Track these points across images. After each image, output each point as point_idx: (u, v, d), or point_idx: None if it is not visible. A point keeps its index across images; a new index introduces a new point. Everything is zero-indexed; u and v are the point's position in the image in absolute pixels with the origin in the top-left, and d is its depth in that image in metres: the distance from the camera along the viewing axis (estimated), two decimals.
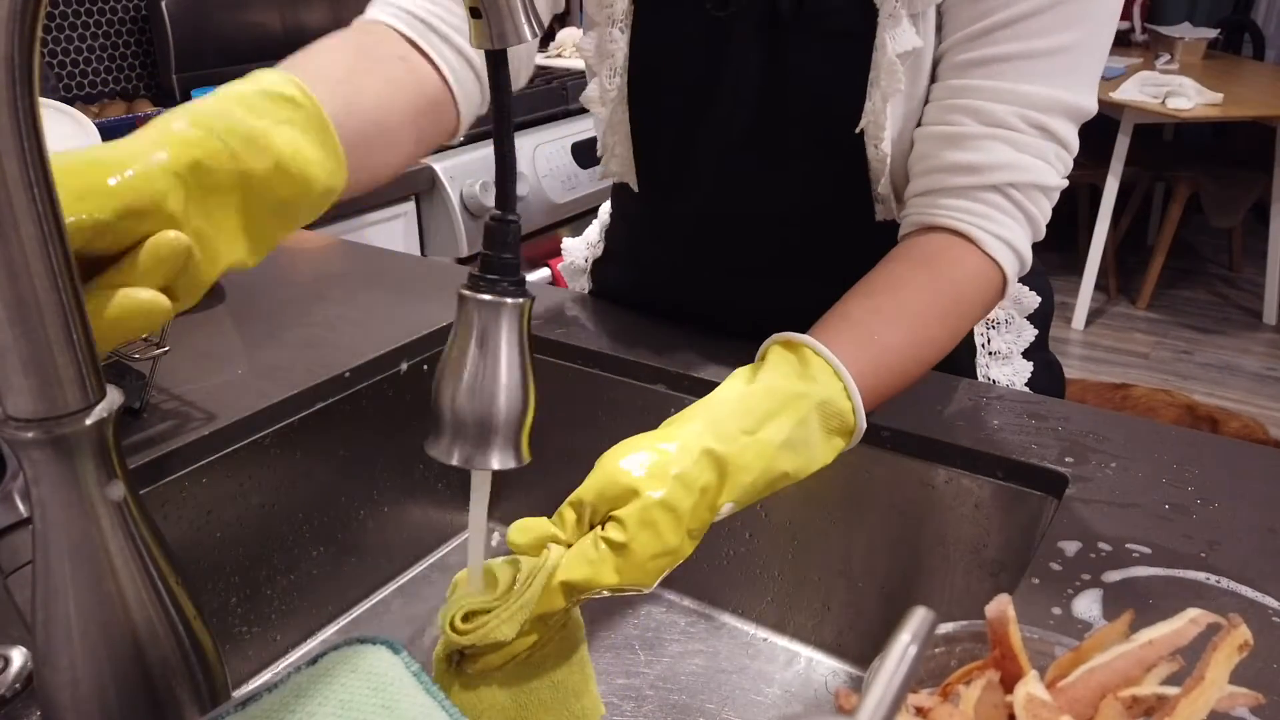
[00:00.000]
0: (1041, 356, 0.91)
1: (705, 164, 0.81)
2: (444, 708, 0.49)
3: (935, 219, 0.67)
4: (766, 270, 0.84)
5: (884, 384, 0.62)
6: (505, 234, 0.47)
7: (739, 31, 0.74)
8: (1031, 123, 0.65)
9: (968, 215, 0.66)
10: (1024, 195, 0.66)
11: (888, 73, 0.68)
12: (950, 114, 0.67)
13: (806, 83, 0.73)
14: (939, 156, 0.67)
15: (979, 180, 0.65)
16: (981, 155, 0.65)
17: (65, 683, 0.44)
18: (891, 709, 0.28)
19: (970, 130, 0.65)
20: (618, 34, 0.78)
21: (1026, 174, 0.65)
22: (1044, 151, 0.65)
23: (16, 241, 0.37)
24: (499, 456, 0.48)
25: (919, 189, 0.69)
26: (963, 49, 0.66)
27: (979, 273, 0.66)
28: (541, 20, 0.45)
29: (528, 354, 0.48)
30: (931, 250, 0.67)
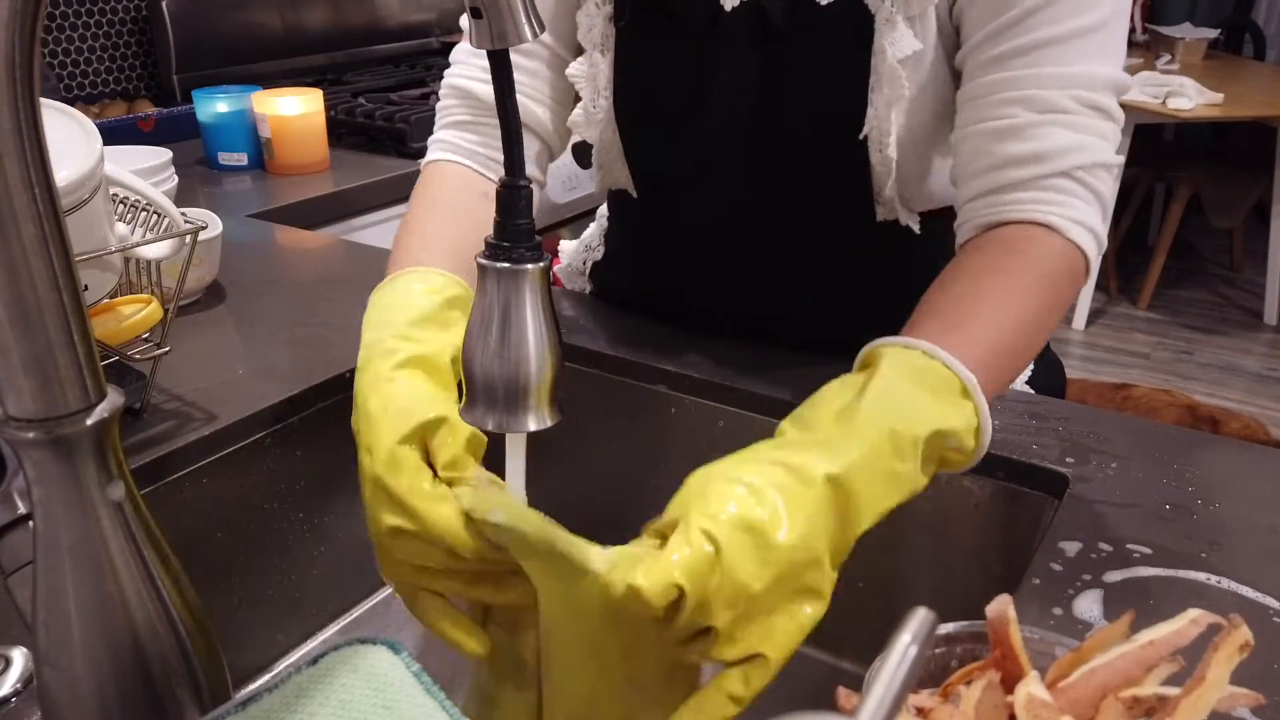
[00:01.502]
0: (1043, 355, 0.91)
1: (700, 176, 0.81)
2: (444, 708, 0.49)
3: (1007, 215, 0.64)
4: (767, 273, 0.83)
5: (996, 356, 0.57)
6: (517, 199, 0.47)
7: (729, 46, 0.73)
8: (1085, 102, 0.63)
9: (1042, 205, 0.63)
10: (1092, 176, 0.64)
11: (890, 79, 0.67)
12: (998, 108, 0.64)
13: (805, 93, 0.72)
14: (996, 152, 0.64)
15: (1046, 169, 0.63)
16: (1043, 143, 0.63)
17: (66, 683, 0.44)
18: (892, 709, 0.28)
19: (1025, 120, 0.63)
20: (599, 57, 0.78)
21: (1091, 154, 0.63)
22: (1102, 129, 0.64)
23: (17, 242, 0.37)
24: (534, 418, 0.49)
25: (980, 189, 0.66)
26: (993, 43, 0.65)
27: (1065, 255, 0.63)
28: (543, 20, 0.45)
29: (551, 315, 0.48)
30: (1014, 239, 0.63)
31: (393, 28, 2.34)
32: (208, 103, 1.64)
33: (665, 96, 0.78)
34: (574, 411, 0.88)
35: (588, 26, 0.77)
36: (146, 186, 0.80)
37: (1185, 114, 2.95)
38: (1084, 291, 3.38)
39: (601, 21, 0.76)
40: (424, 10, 2.41)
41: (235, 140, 1.65)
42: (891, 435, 0.48)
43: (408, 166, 1.69)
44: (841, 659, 0.80)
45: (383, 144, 1.77)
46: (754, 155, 0.77)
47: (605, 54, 0.78)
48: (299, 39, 2.14)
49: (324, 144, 1.67)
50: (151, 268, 0.81)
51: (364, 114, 1.80)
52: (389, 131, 1.75)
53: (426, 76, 2.15)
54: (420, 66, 2.27)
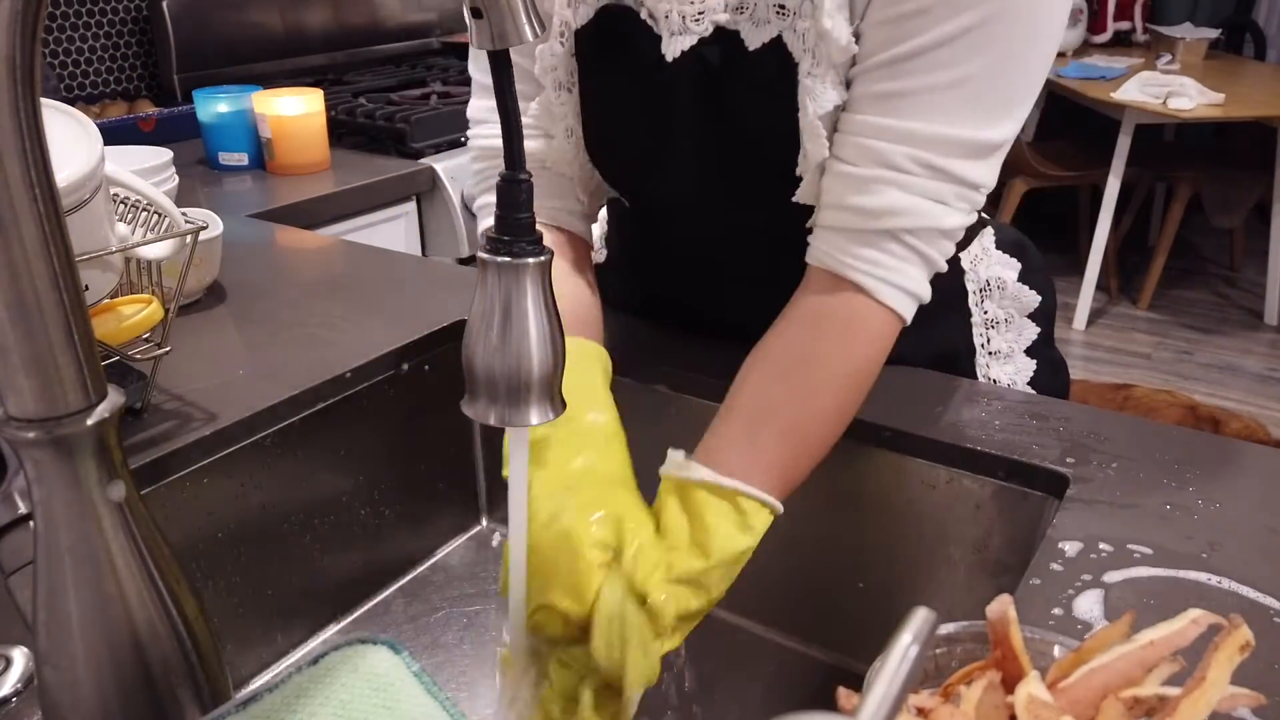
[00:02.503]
0: (1046, 354, 0.91)
1: (675, 206, 0.81)
2: (444, 708, 0.49)
3: (837, 266, 0.65)
4: (754, 279, 0.83)
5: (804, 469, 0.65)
6: (517, 193, 0.47)
7: (677, 91, 0.73)
8: (924, 164, 0.61)
9: (867, 265, 0.64)
10: (920, 240, 0.63)
11: (810, 135, 0.66)
12: (849, 151, 0.64)
13: (746, 132, 0.72)
14: (838, 195, 0.65)
15: (874, 225, 0.63)
16: (873, 199, 0.62)
17: (66, 683, 0.44)
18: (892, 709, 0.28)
19: (863, 171, 0.63)
20: (565, 95, 0.77)
21: (920, 219, 0.62)
22: (940, 193, 0.62)
23: (18, 242, 0.37)
24: (535, 412, 0.49)
25: (825, 222, 0.67)
26: (869, 80, 0.63)
27: (884, 330, 0.65)
28: (543, 21, 0.45)
29: (552, 309, 0.48)
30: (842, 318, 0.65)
31: (393, 28, 2.35)
32: (208, 103, 1.64)
33: (630, 132, 0.78)
34: None
35: (551, 65, 0.77)
36: (147, 186, 0.80)
37: (1186, 114, 2.95)
38: (1084, 291, 3.38)
39: (565, 57, 0.76)
40: (424, 10, 2.41)
41: (236, 140, 1.65)
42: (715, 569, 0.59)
43: (408, 166, 1.69)
44: (841, 659, 0.80)
45: (383, 144, 1.78)
46: (714, 188, 0.77)
47: (571, 91, 0.78)
48: (299, 39, 2.14)
49: (324, 144, 1.67)
50: (152, 268, 0.81)
51: (364, 114, 1.80)
52: (389, 131, 1.75)
53: (427, 76, 2.15)
54: (420, 66, 2.27)
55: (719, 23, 0.69)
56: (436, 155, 1.74)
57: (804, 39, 0.65)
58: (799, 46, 0.66)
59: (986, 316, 0.88)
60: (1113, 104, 3.09)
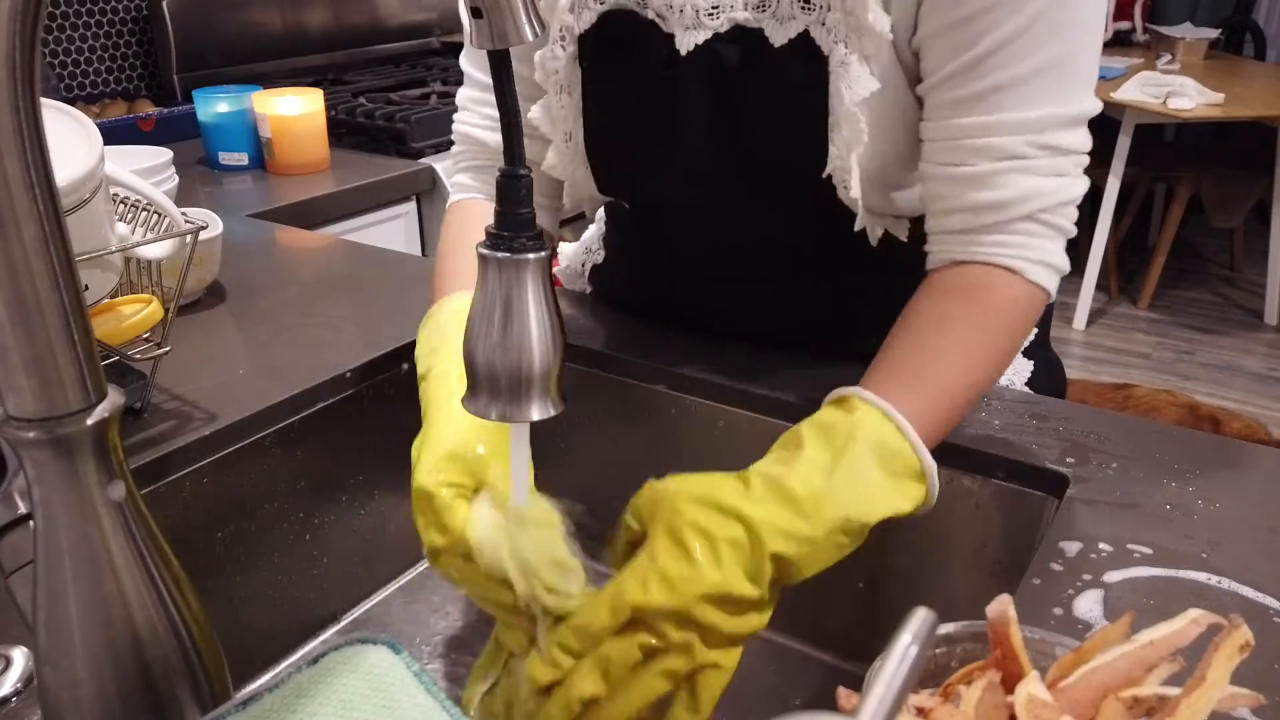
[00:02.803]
0: (1043, 354, 0.91)
1: (680, 205, 0.81)
2: (444, 708, 0.49)
3: (974, 256, 0.66)
4: (760, 281, 0.83)
5: (944, 421, 0.62)
6: (517, 189, 0.47)
7: (689, 89, 0.72)
8: (1042, 146, 0.64)
9: (1008, 249, 0.65)
10: (1054, 215, 0.65)
11: (848, 122, 0.66)
12: (959, 155, 0.66)
13: (765, 133, 0.72)
14: (960, 198, 0.66)
15: (1008, 215, 0.65)
16: (1005, 191, 0.64)
17: (66, 682, 0.44)
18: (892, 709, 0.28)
19: (985, 169, 0.64)
20: (566, 99, 0.77)
21: (1053, 196, 0.65)
22: (1062, 168, 0.65)
23: (18, 241, 0.38)
24: (537, 408, 0.49)
25: (948, 227, 0.68)
26: (952, 85, 0.65)
27: (1027, 300, 0.66)
28: (543, 20, 0.45)
29: (553, 304, 0.48)
30: (976, 283, 0.66)
31: (393, 28, 2.35)
32: (208, 103, 1.64)
33: (634, 135, 0.77)
34: (574, 412, 0.88)
35: (553, 69, 0.77)
36: (147, 186, 0.80)
37: (1186, 114, 2.95)
38: (1084, 291, 3.38)
39: (566, 62, 0.76)
40: (424, 10, 2.41)
41: (236, 140, 1.65)
42: (845, 522, 0.54)
43: (408, 166, 1.69)
44: (841, 659, 0.80)
45: (383, 144, 1.78)
46: (728, 189, 0.76)
47: (571, 95, 0.77)
48: (299, 39, 2.14)
49: (324, 144, 1.67)
50: (152, 268, 0.81)
51: (364, 114, 1.80)
52: (389, 131, 1.75)
53: (427, 76, 2.15)
54: (420, 66, 2.27)
55: (738, 20, 0.69)
56: (436, 155, 1.74)
57: (834, 32, 0.66)
58: (828, 39, 0.66)
59: None
60: (1113, 104, 3.09)
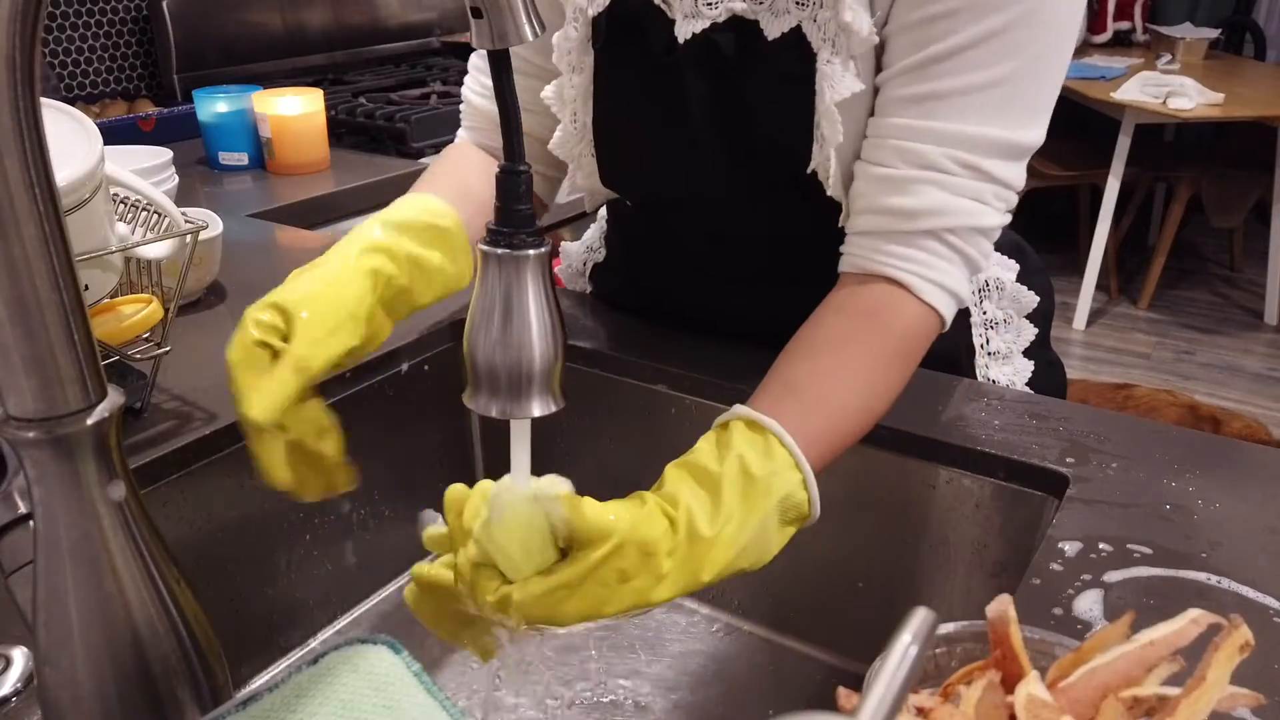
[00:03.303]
0: (1043, 355, 0.91)
1: (680, 196, 0.81)
2: (444, 707, 0.49)
3: (873, 266, 0.65)
4: (759, 279, 0.83)
5: (836, 449, 0.60)
6: (517, 185, 0.47)
7: (688, 76, 0.73)
8: (963, 164, 0.62)
9: (905, 263, 0.64)
10: (961, 239, 0.64)
11: (827, 120, 0.67)
12: (883, 154, 0.65)
13: (759, 123, 0.72)
14: (875, 198, 0.65)
15: (914, 226, 0.63)
16: (914, 200, 0.63)
17: (66, 682, 0.44)
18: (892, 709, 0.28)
19: (902, 173, 0.63)
20: (577, 79, 0.78)
21: (961, 218, 0.63)
22: (980, 192, 0.63)
23: (18, 241, 0.37)
24: (537, 404, 0.49)
25: (859, 227, 0.67)
26: (900, 83, 0.64)
27: (919, 321, 0.65)
28: (543, 20, 0.45)
29: (553, 300, 0.49)
30: (871, 303, 0.65)
31: (393, 28, 2.34)
32: (208, 102, 1.64)
33: (639, 119, 0.78)
34: (574, 412, 0.88)
35: (566, 49, 0.77)
36: (147, 186, 0.80)
37: (1185, 114, 2.95)
38: (1084, 291, 3.38)
39: (578, 44, 0.76)
40: (424, 10, 2.41)
41: (236, 140, 1.65)
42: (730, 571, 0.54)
43: (408, 166, 1.69)
44: (841, 659, 0.80)
45: (383, 144, 1.77)
46: (727, 180, 0.76)
47: (581, 75, 0.78)
48: (299, 39, 2.14)
49: (324, 144, 1.67)
50: (152, 267, 0.81)
51: (364, 114, 1.80)
52: (389, 131, 1.75)
53: (427, 76, 2.15)
54: (420, 66, 2.27)
55: (735, 10, 0.69)
56: (436, 155, 1.74)
57: (823, 29, 0.66)
58: (818, 36, 0.66)
59: (986, 317, 0.88)
60: (1113, 104, 3.09)
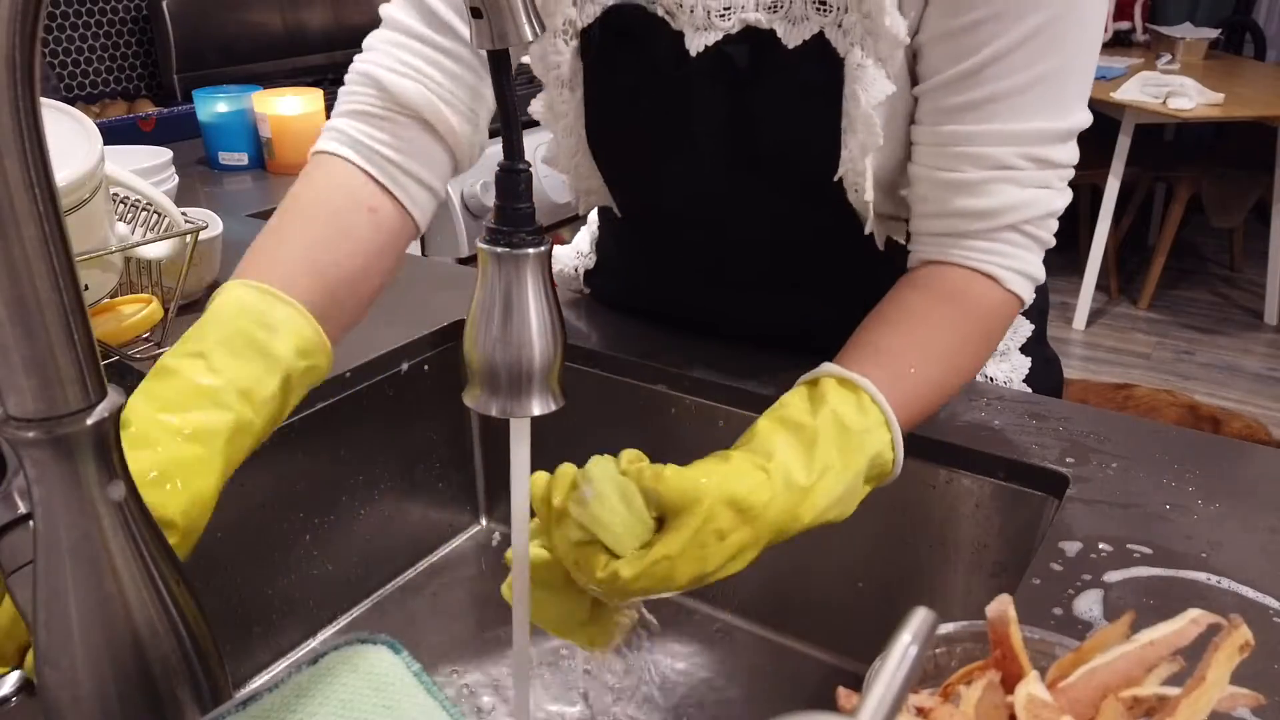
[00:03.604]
0: (1040, 352, 0.91)
1: (683, 206, 0.80)
2: (444, 708, 0.49)
3: (955, 259, 0.67)
4: (760, 284, 0.83)
5: (915, 419, 0.62)
6: (517, 183, 0.47)
7: (697, 89, 0.72)
8: (1031, 158, 0.65)
9: (989, 256, 0.66)
10: (1036, 227, 0.67)
11: (864, 125, 0.67)
12: (950, 160, 0.66)
13: (775, 136, 0.71)
14: (948, 202, 0.67)
15: (994, 224, 0.66)
16: (991, 200, 0.65)
17: (66, 682, 0.44)
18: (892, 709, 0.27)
19: (975, 177, 0.65)
20: (568, 94, 0.77)
21: (1036, 208, 0.66)
22: (1048, 180, 0.66)
23: (17, 241, 0.37)
24: (537, 403, 0.49)
25: (932, 229, 0.68)
26: (948, 92, 0.65)
27: (1002, 306, 0.67)
28: (543, 20, 0.45)
29: (553, 299, 0.49)
30: (955, 286, 0.67)
31: None
32: (208, 102, 1.64)
33: (640, 131, 0.77)
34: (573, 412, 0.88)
35: (554, 63, 0.75)
36: (147, 186, 0.80)
37: (1185, 114, 2.95)
38: (1084, 291, 3.38)
39: (570, 56, 0.75)
40: None
41: (236, 140, 1.65)
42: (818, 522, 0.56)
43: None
44: (841, 659, 0.80)
45: None
46: (734, 189, 0.75)
47: (575, 90, 0.76)
48: (299, 39, 2.14)
49: None
50: (152, 267, 0.81)
51: None
52: None
53: None
54: None
55: (749, 21, 0.68)
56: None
57: (850, 34, 0.66)
58: (844, 42, 0.66)
59: None
60: (1112, 104, 3.09)
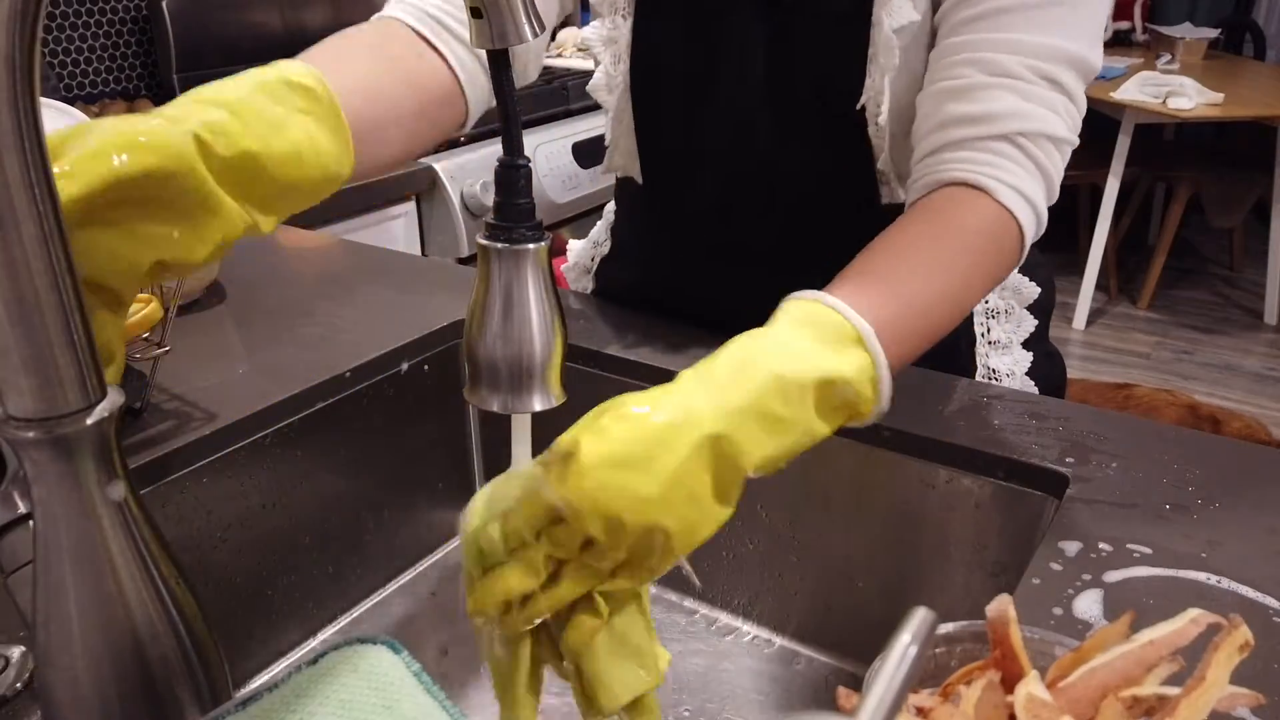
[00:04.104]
0: (1042, 347, 0.91)
1: (708, 150, 0.82)
2: (444, 708, 0.49)
3: (943, 174, 0.64)
4: (771, 261, 0.83)
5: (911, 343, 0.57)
6: (516, 179, 0.47)
7: (738, 16, 0.75)
8: (1038, 72, 0.63)
9: (977, 165, 0.63)
10: (1034, 144, 0.64)
11: (885, 49, 0.69)
12: (953, 68, 0.65)
13: (809, 63, 0.74)
14: (943, 111, 0.65)
15: (987, 130, 0.63)
16: (988, 105, 0.63)
17: (66, 682, 0.44)
18: (892, 709, 0.28)
19: (975, 80, 0.64)
20: (620, 21, 0.79)
21: (1035, 123, 0.63)
22: (1052, 102, 0.64)
23: (17, 241, 0.37)
24: (538, 399, 0.49)
25: (925, 149, 0.67)
26: (963, 6, 0.66)
27: (994, 220, 0.63)
28: (543, 20, 0.45)
29: (553, 294, 0.49)
30: (942, 202, 0.64)
31: None
32: None
33: (679, 65, 0.79)
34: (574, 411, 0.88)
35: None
36: None
37: (1185, 114, 2.95)
38: (1084, 291, 3.38)
39: None
40: None
41: None
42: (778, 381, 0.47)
43: (407, 166, 1.69)
44: (841, 659, 0.80)
45: None
46: (761, 129, 0.78)
47: (627, 18, 0.79)
48: (299, 39, 2.13)
49: None
50: None
51: None
52: None
53: None
54: None
55: None
56: (436, 155, 1.74)
57: None
58: None
59: (987, 306, 0.89)
60: (1112, 104, 3.09)
